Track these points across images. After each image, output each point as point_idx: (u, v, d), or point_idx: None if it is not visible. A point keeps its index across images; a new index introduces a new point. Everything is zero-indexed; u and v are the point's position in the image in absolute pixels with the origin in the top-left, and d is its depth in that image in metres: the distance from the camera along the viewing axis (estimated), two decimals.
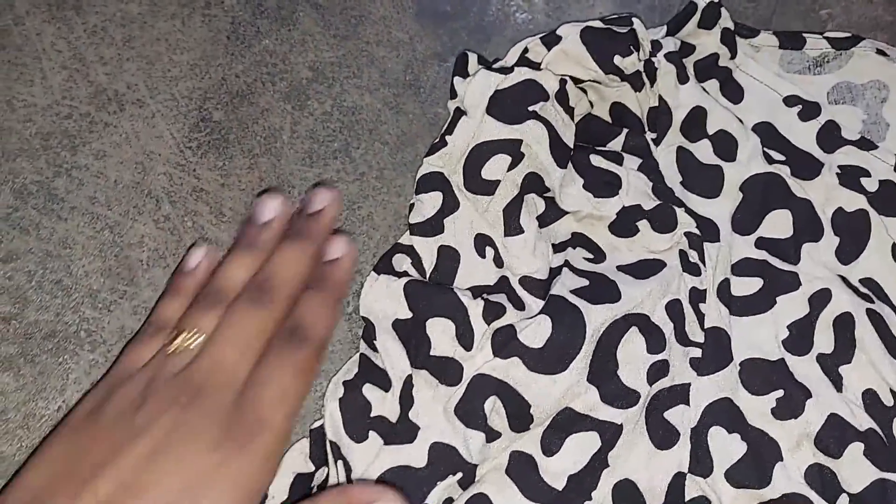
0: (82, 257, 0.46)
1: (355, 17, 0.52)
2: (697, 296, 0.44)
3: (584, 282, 0.43)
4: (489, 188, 0.44)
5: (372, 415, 0.41)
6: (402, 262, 0.45)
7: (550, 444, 0.41)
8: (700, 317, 0.43)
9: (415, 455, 0.40)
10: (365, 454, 0.40)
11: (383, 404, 0.41)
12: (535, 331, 0.42)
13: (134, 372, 0.33)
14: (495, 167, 0.44)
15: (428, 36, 0.51)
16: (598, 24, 0.47)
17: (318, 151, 0.49)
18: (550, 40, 0.47)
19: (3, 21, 0.50)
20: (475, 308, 0.42)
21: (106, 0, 0.51)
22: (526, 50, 0.47)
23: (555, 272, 0.44)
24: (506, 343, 0.42)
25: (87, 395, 0.34)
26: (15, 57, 0.49)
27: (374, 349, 0.43)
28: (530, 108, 0.45)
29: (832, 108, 0.50)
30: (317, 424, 0.42)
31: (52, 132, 0.48)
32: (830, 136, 0.49)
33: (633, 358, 0.42)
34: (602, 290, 0.43)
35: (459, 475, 0.40)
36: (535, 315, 0.42)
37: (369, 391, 0.41)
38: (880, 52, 0.51)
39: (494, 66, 0.48)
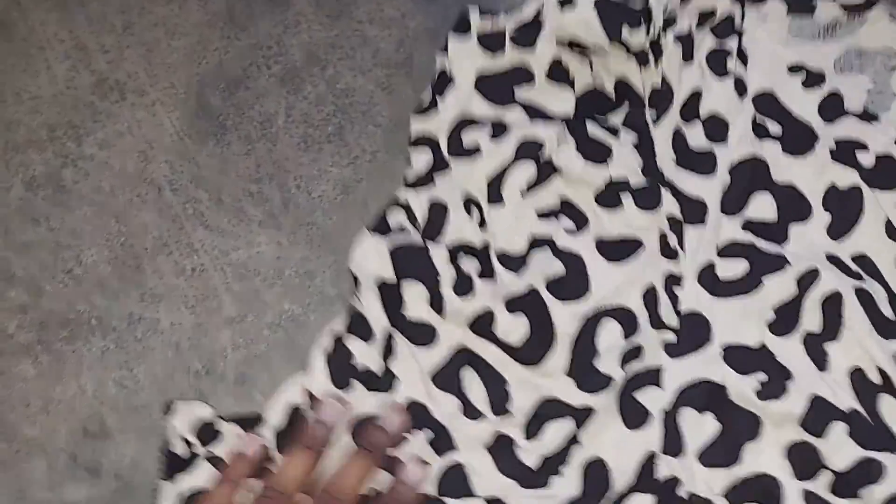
0: (90, 246, 0.48)
1: None
2: (673, 280, 0.44)
3: (561, 270, 0.45)
4: (471, 154, 0.47)
5: (354, 363, 0.44)
6: (397, 216, 0.47)
7: (530, 431, 0.43)
8: (675, 300, 0.44)
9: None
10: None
11: (365, 354, 0.44)
12: (515, 329, 0.44)
13: None
14: (477, 135, 0.47)
15: (420, 12, 0.51)
16: None
17: (313, 135, 0.50)
18: (565, 1, 0.48)
19: (8, 14, 0.51)
20: (447, 278, 0.45)
21: None
22: (541, 7, 0.49)
23: (537, 244, 0.46)
24: (486, 332, 0.44)
25: None
26: (21, 48, 0.51)
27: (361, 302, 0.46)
28: (516, 91, 0.48)
29: (838, 78, 0.49)
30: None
31: (58, 123, 0.50)
32: (832, 107, 0.48)
33: (610, 346, 0.44)
34: (574, 284, 0.45)
35: (431, 434, 0.43)
36: (514, 310, 0.45)
37: (352, 342, 0.44)
38: (894, 17, 0.49)
39: (501, 19, 0.49)
